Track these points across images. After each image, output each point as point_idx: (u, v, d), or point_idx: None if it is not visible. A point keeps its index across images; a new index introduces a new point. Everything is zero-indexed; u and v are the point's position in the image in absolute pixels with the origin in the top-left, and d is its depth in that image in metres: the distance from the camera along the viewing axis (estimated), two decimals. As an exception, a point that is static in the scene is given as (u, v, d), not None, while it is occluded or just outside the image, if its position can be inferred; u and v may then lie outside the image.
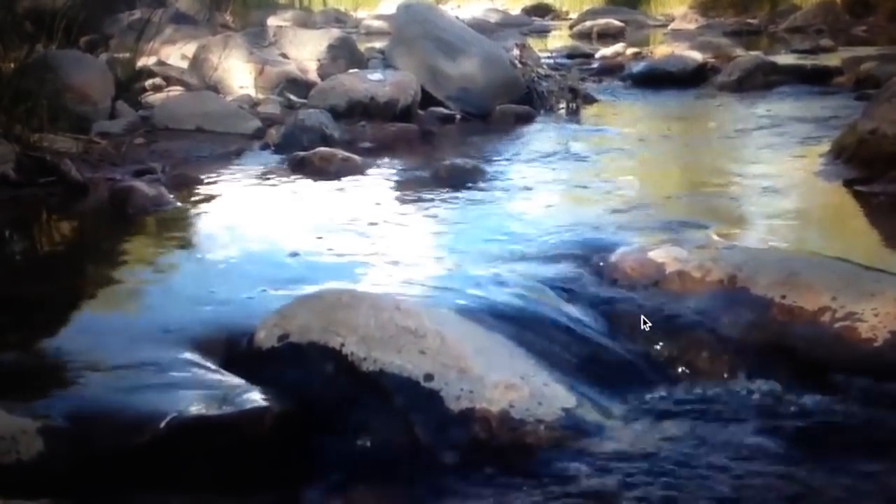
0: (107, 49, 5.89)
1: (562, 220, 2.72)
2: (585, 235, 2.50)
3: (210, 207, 3.01)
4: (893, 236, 2.77)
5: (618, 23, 11.96)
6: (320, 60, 5.52)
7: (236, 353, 1.71)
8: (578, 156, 3.85)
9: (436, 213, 2.90)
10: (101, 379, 1.60)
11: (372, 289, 2.00)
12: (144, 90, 4.78)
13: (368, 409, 1.54)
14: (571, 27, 12.60)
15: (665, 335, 1.85)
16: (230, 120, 4.20)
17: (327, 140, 3.91)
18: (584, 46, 9.19)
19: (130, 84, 4.74)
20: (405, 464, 1.48)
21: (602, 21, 12.00)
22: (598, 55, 8.06)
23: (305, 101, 4.69)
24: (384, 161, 3.76)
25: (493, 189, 3.22)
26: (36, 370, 1.68)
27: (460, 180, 3.29)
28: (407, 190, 3.29)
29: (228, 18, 9.17)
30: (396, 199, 3.17)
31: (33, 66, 3.81)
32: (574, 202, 3.02)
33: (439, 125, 4.64)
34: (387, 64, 5.32)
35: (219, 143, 3.95)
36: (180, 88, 4.78)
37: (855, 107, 4.48)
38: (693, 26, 12.39)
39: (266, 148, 3.95)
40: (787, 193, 3.10)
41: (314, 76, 5.34)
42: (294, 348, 1.63)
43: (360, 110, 4.45)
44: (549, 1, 16.83)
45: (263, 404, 1.49)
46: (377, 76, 4.71)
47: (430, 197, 3.10)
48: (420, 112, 4.66)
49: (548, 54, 7.43)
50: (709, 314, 1.88)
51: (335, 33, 5.98)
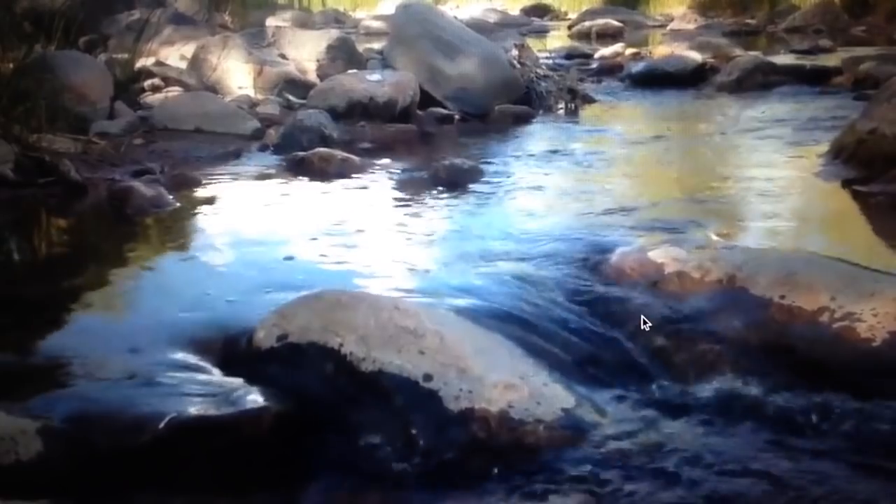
0: (105, 49, 5.89)
1: (561, 220, 2.73)
2: (585, 235, 2.50)
3: (209, 208, 3.01)
4: (892, 236, 2.77)
5: (616, 23, 11.98)
6: (319, 61, 5.52)
7: (235, 353, 1.71)
8: (577, 156, 3.85)
9: (435, 213, 2.90)
10: (101, 379, 1.60)
11: (371, 289, 2.00)
12: (143, 90, 4.78)
13: (367, 409, 1.54)
14: (570, 27, 12.62)
15: (664, 335, 1.86)
16: (229, 120, 4.20)
17: (326, 140, 3.91)
18: (583, 46, 9.19)
19: (129, 84, 4.74)
20: (404, 464, 1.48)
21: (601, 21, 12.01)
22: (597, 55, 8.05)
23: (304, 102, 4.69)
24: (383, 161, 3.76)
25: (493, 189, 3.22)
26: (35, 370, 1.68)
27: (459, 180, 3.29)
28: (406, 190, 3.29)
29: (227, 19, 9.16)
30: (396, 200, 3.17)
31: (32, 67, 3.81)
32: (573, 202, 3.02)
33: (438, 125, 4.64)
34: (386, 64, 5.31)
35: (218, 144, 3.95)
36: (179, 89, 4.78)
37: (854, 107, 4.48)
38: (692, 26, 12.40)
39: (265, 148, 3.94)
40: (786, 193, 3.10)
41: (313, 76, 5.34)
42: (293, 348, 1.63)
43: (360, 111, 4.45)
44: (548, 1, 16.86)
45: (262, 404, 1.49)
46: (376, 76, 4.71)
47: (430, 197, 3.10)
48: (419, 112, 4.66)
49: (546, 54, 7.44)
50: (708, 314, 1.88)
51: (334, 34, 5.98)
